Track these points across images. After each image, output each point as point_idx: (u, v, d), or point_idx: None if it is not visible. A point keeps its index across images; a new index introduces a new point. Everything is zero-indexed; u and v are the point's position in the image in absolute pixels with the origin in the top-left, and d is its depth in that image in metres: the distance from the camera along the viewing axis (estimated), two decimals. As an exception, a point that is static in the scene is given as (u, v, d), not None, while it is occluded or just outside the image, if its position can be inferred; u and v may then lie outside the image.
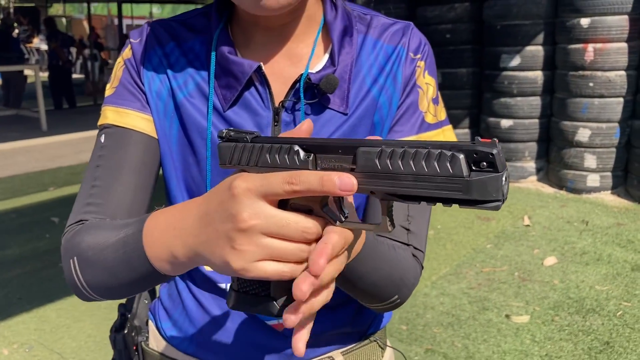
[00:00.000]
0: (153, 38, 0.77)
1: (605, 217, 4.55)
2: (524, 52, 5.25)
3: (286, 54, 0.75)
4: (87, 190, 0.73)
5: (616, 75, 4.85)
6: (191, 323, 0.81)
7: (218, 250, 0.50)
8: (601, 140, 4.97)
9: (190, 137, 0.75)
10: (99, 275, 0.65)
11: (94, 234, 0.66)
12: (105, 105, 0.78)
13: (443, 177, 0.43)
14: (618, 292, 3.25)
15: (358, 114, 0.74)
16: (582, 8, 4.82)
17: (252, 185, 0.48)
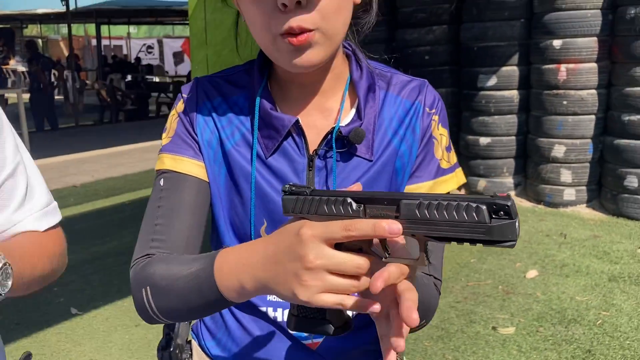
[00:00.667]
0: (202, 93, 0.89)
1: (582, 229, 4.75)
2: (500, 72, 5.47)
3: (318, 108, 0.87)
4: (150, 228, 0.84)
5: (588, 93, 5.09)
6: (234, 342, 0.92)
7: (287, 284, 0.61)
8: (576, 156, 5.19)
9: (237, 181, 0.86)
10: (171, 302, 0.75)
11: (165, 267, 0.77)
12: (162, 152, 0.88)
13: (470, 223, 0.55)
14: (597, 302, 3.41)
15: (382, 161, 0.86)
16: (554, 30, 5.06)
17: (317, 232, 0.59)
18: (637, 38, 4.74)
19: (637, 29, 4.71)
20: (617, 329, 3.09)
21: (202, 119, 0.88)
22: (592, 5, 4.95)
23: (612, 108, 5.08)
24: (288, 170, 0.85)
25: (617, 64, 5.03)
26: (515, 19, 5.35)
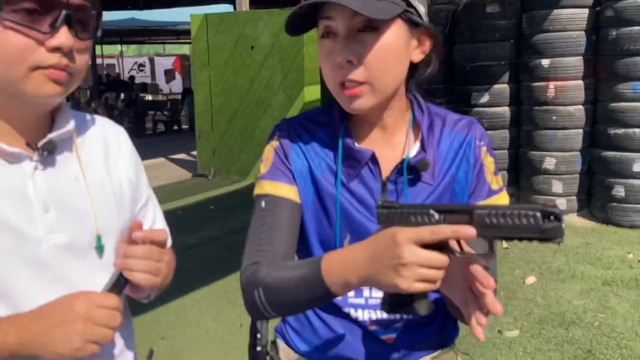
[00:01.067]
0: (293, 131, 1.10)
1: (575, 237, 5.03)
2: (492, 90, 5.77)
3: (387, 142, 1.08)
4: (256, 241, 1.05)
5: (575, 109, 5.40)
6: (319, 338, 1.12)
7: (387, 277, 0.82)
8: (566, 168, 5.49)
9: (324, 202, 1.07)
10: (282, 298, 0.97)
11: (275, 272, 0.98)
12: (262, 179, 1.09)
13: (528, 226, 0.76)
14: (593, 305, 3.68)
15: (442, 185, 1.07)
16: (542, 50, 5.38)
17: (409, 236, 0.81)
18: (619, 57, 5.07)
19: (619, 49, 5.05)
20: (614, 329, 3.35)
21: (294, 153, 1.09)
22: (577, 27, 5.28)
23: (599, 122, 5.40)
24: (366, 193, 1.06)
25: (601, 81, 5.35)
26: (505, 40, 5.66)
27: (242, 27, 7.18)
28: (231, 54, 7.16)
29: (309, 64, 7.02)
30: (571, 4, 5.27)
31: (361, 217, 1.06)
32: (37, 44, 0.83)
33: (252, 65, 7.24)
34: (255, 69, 7.24)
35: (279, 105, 7.18)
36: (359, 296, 1.10)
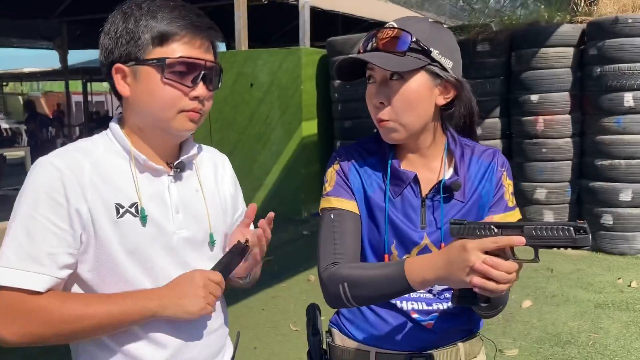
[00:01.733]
0: (350, 157, 1.32)
1: (566, 264, 5.23)
2: (485, 124, 6.04)
3: (425, 166, 1.30)
4: (331, 246, 1.26)
5: (564, 142, 5.68)
6: (371, 326, 1.32)
7: (459, 276, 1.04)
8: (556, 198, 5.73)
9: (374, 214, 1.28)
10: (367, 292, 1.17)
11: (358, 271, 1.19)
12: (328, 196, 1.31)
13: (564, 237, 0.99)
14: (587, 326, 3.85)
15: (471, 202, 1.29)
16: (531, 86, 5.68)
17: (476, 245, 1.02)
18: (604, 93, 5.37)
19: (603, 85, 5.35)
20: (607, 347, 3.52)
21: (352, 174, 1.31)
22: (563, 65, 5.59)
23: (586, 154, 5.66)
24: (408, 208, 1.28)
25: (587, 115, 5.64)
26: (495, 77, 5.96)
27: (242, 65, 7.46)
28: (230, 90, 7.41)
29: (307, 100, 7.29)
30: (557, 43, 5.58)
31: (404, 227, 1.27)
32: (183, 94, 1.13)
33: (251, 102, 7.49)
34: (254, 105, 7.48)
35: (278, 140, 7.40)
36: None
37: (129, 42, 1.12)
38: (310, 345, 1.41)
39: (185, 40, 1.12)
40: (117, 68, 1.13)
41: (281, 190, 7.36)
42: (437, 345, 1.31)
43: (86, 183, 1.09)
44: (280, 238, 6.38)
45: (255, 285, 1.36)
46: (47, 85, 30.04)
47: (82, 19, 10.66)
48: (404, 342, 1.30)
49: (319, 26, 10.40)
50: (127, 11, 1.14)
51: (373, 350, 1.32)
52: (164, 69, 1.10)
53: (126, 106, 1.18)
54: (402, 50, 1.19)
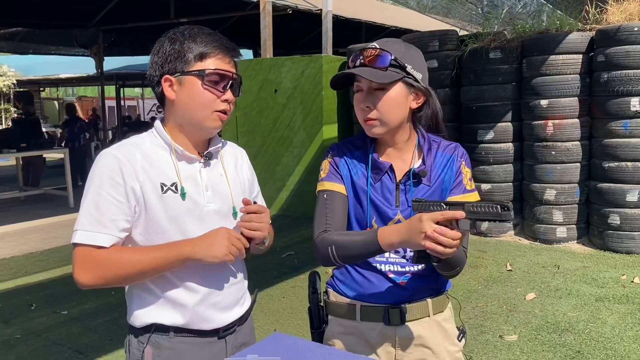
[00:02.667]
0: (341, 151, 1.66)
1: (573, 261, 5.46)
2: (497, 127, 6.29)
3: (400, 158, 1.63)
4: (323, 218, 1.60)
5: (573, 145, 5.90)
6: (357, 284, 1.65)
7: (415, 241, 1.36)
8: (565, 199, 5.95)
9: (359, 196, 1.62)
10: (349, 252, 1.51)
11: (343, 237, 1.53)
12: (323, 181, 1.65)
13: (492, 213, 1.30)
14: (586, 317, 4.10)
15: (435, 185, 1.61)
16: (541, 92, 5.92)
17: (429, 217, 1.34)
18: (611, 98, 5.59)
19: (610, 90, 5.57)
20: (602, 335, 3.77)
21: (341, 164, 1.65)
22: (572, 71, 5.82)
23: (594, 157, 5.88)
24: (386, 191, 1.61)
25: (595, 119, 5.85)
26: (507, 83, 6.20)
27: (267, 72, 7.85)
28: (256, 96, 7.81)
29: (327, 106, 7.64)
30: (566, 51, 5.81)
31: (382, 206, 1.60)
32: (216, 98, 1.48)
33: (275, 107, 7.87)
34: (278, 110, 7.87)
35: (300, 143, 7.76)
36: (382, 257, 1.63)
37: (176, 59, 1.46)
38: (310, 302, 1.75)
39: (218, 57, 1.48)
40: (166, 78, 1.47)
41: (302, 190, 7.73)
42: (409, 300, 1.63)
43: (138, 168, 1.45)
44: (301, 235, 6.74)
45: (267, 252, 1.71)
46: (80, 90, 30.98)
47: (116, 27, 11.21)
48: (382, 297, 1.63)
49: (343, 33, 10.75)
50: (173, 37, 1.49)
51: (359, 304, 1.66)
52: (204, 77, 1.45)
53: (169, 108, 1.52)
54: (384, 66, 1.53)
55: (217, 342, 1.56)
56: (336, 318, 1.71)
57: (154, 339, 1.49)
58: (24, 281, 5.27)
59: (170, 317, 1.49)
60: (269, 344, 1.50)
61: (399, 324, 1.63)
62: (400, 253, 1.63)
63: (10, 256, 6.17)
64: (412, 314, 1.64)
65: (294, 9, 8.99)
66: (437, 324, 1.67)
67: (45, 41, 13.38)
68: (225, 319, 1.57)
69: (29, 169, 9.96)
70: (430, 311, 1.66)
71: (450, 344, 1.69)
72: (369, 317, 1.65)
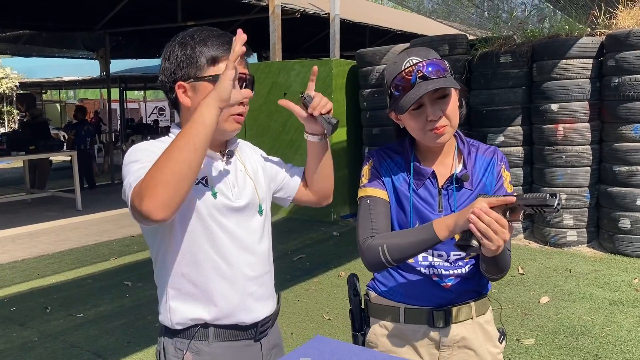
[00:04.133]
0: (381, 157, 1.68)
1: (585, 265, 5.49)
2: (507, 131, 6.32)
3: (440, 163, 1.65)
4: (368, 223, 1.61)
5: (583, 149, 5.93)
6: (400, 286, 1.66)
7: (465, 216, 1.39)
8: (575, 202, 5.98)
9: (401, 202, 1.63)
10: (405, 250, 1.52)
11: (393, 237, 1.55)
12: (365, 187, 1.66)
13: (540, 198, 1.34)
14: (601, 320, 4.13)
15: (477, 190, 1.62)
16: (551, 96, 5.95)
17: (484, 199, 1.38)
18: (621, 102, 5.62)
19: (620, 95, 5.60)
20: (619, 339, 3.80)
21: (383, 170, 1.67)
22: (582, 75, 5.84)
23: (604, 160, 5.91)
24: (428, 196, 1.63)
25: (606, 123, 5.88)
26: (517, 87, 6.22)
27: (276, 75, 7.87)
28: (265, 99, 7.83)
29: (337, 109, 7.65)
30: (577, 55, 5.84)
31: (426, 211, 1.62)
32: None
33: (285, 110, 7.77)
34: (287, 114, 7.80)
35: (309, 146, 7.78)
36: (425, 261, 1.64)
37: (189, 65, 1.45)
38: (352, 304, 1.77)
39: None
40: (179, 85, 1.46)
41: (312, 193, 7.72)
42: (453, 302, 1.65)
43: None
44: (312, 238, 6.76)
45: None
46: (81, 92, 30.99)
47: (122, 30, 11.24)
48: (427, 300, 1.65)
49: (348, 36, 10.78)
50: (183, 41, 1.46)
51: (402, 306, 1.68)
52: None
53: (186, 113, 1.50)
54: (446, 73, 1.54)
55: (253, 345, 1.58)
56: (378, 320, 1.73)
57: (194, 345, 1.50)
58: (38, 284, 5.28)
59: (210, 311, 1.50)
60: (314, 347, 1.51)
61: (443, 327, 1.64)
62: (443, 257, 1.64)
63: (21, 259, 6.18)
64: (457, 316, 1.65)
65: (302, 12, 9.02)
66: (480, 326, 1.69)
67: (50, 44, 13.40)
68: (262, 312, 1.59)
69: (35, 171, 9.97)
70: (473, 313, 1.68)
71: (492, 346, 1.71)
72: (413, 319, 1.66)
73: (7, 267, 5.88)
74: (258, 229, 1.59)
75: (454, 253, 1.62)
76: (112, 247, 6.52)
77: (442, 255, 1.64)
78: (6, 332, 4.16)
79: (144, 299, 4.75)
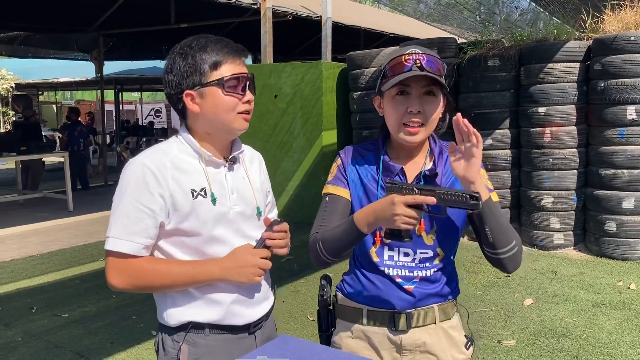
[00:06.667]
0: (351, 154, 1.70)
1: (570, 268, 5.51)
2: (495, 134, 6.35)
3: (411, 161, 1.66)
4: (320, 220, 1.65)
5: (570, 152, 5.96)
6: (364, 288, 1.67)
7: (388, 221, 1.43)
8: (562, 205, 6.00)
9: (369, 198, 1.64)
10: (334, 244, 1.57)
11: (327, 232, 1.59)
12: (328, 184, 1.69)
13: (461, 201, 1.37)
14: (583, 322, 4.15)
15: (445, 187, 1.66)
16: (538, 99, 5.98)
17: (400, 199, 1.41)
18: (607, 106, 5.66)
19: (607, 99, 5.63)
20: (599, 341, 3.82)
21: (350, 168, 1.69)
22: (569, 79, 5.88)
23: (591, 164, 5.94)
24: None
25: (592, 127, 5.91)
26: (505, 90, 6.25)
27: (267, 77, 7.90)
28: (256, 101, 7.77)
29: (327, 111, 7.69)
30: (564, 59, 5.88)
31: None
32: (239, 100, 1.54)
33: (275, 112, 7.92)
34: (277, 115, 7.92)
35: (300, 149, 7.81)
36: (391, 260, 1.65)
37: (193, 73, 1.51)
38: (319, 305, 1.79)
39: (231, 62, 1.53)
40: (187, 94, 1.52)
41: (302, 195, 7.76)
42: (416, 305, 1.65)
43: (168, 176, 1.50)
44: (300, 240, 6.74)
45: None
46: (78, 94, 31.02)
47: (116, 32, 11.25)
48: (389, 302, 1.65)
49: (342, 39, 10.82)
50: (183, 52, 1.53)
51: (365, 308, 1.69)
52: (224, 85, 1.51)
53: (194, 119, 1.57)
54: (440, 72, 1.55)
55: (248, 338, 1.64)
56: (343, 321, 1.74)
57: (190, 337, 1.57)
58: (25, 284, 5.29)
59: (205, 314, 1.57)
60: (276, 346, 1.54)
61: (404, 330, 1.65)
62: (410, 255, 1.64)
63: (10, 259, 6.19)
64: (418, 320, 1.65)
65: (293, 15, 9.04)
66: (444, 331, 1.69)
67: (45, 45, 13.41)
68: (255, 314, 1.65)
69: (28, 172, 9.97)
70: (436, 318, 1.68)
71: (457, 352, 1.70)
72: (375, 321, 1.68)
73: (-4, 268, 5.89)
74: (256, 233, 1.64)
75: (421, 251, 1.64)
76: (100, 248, 6.52)
77: (409, 254, 1.64)
78: (-10, 332, 4.17)
79: (130, 299, 4.76)
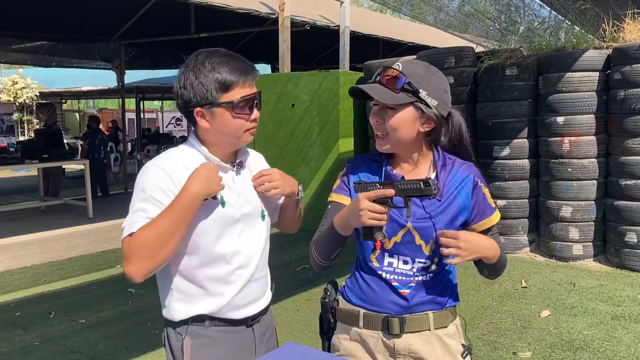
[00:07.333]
0: (357, 164, 1.73)
1: (590, 279, 5.43)
2: (513, 144, 6.29)
3: (414, 172, 1.67)
4: (321, 226, 1.70)
5: (589, 162, 5.88)
6: (363, 292, 1.69)
7: (356, 218, 1.48)
8: (581, 216, 5.92)
9: None
10: (320, 247, 1.64)
11: (318, 235, 1.66)
12: (333, 192, 1.73)
13: (416, 188, 1.44)
14: (601, 335, 4.08)
15: (447, 201, 1.64)
16: (557, 109, 5.92)
17: (363, 195, 1.46)
18: (627, 115, 5.58)
19: (627, 108, 5.56)
20: (617, 354, 3.75)
21: (353, 177, 1.72)
22: (588, 88, 5.82)
23: (611, 174, 5.86)
24: (397, 201, 1.66)
25: (612, 136, 5.84)
26: (523, 99, 6.20)
27: (284, 85, 7.95)
28: (274, 108, 7.91)
29: (344, 119, 7.70)
30: (583, 68, 5.82)
31: (394, 215, 1.64)
32: (246, 119, 1.63)
33: (292, 119, 7.96)
34: (294, 123, 7.96)
35: (316, 156, 7.83)
36: (390, 266, 1.67)
37: (204, 93, 1.57)
38: (322, 309, 1.80)
39: (242, 84, 1.60)
40: (197, 111, 1.59)
41: (318, 203, 7.76)
42: (410, 311, 1.66)
43: (181, 177, 1.58)
44: (316, 248, 6.77)
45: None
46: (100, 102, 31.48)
47: (137, 42, 11.43)
48: (384, 306, 1.67)
49: (361, 48, 10.84)
50: (195, 69, 1.58)
51: (362, 311, 1.71)
52: (234, 108, 1.59)
53: (204, 131, 1.64)
54: (397, 88, 1.58)
55: (246, 330, 1.72)
56: (343, 325, 1.77)
57: (192, 330, 1.65)
58: (44, 289, 5.38)
59: (205, 307, 1.65)
60: (282, 353, 1.55)
61: (398, 334, 1.66)
62: (408, 263, 1.65)
63: (31, 264, 6.29)
64: (412, 326, 1.66)
65: (312, 25, 9.10)
66: (438, 338, 1.69)
67: (68, 54, 13.65)
68: (254, 310, 1.72)
69: (49, 180, 10.13)
70: (431, 325, 1.68)
71: None
72: (370, 324, 1.70)
73: (16, 273, 5.99)
74: (259, 235, 1.74)
75: (419, 260, 1.65)
76: (118, 254, 6.57)
77: (408, 262, 1.66)
78: (9, 335, 4.24)
79: (146, 305, 4.81)
